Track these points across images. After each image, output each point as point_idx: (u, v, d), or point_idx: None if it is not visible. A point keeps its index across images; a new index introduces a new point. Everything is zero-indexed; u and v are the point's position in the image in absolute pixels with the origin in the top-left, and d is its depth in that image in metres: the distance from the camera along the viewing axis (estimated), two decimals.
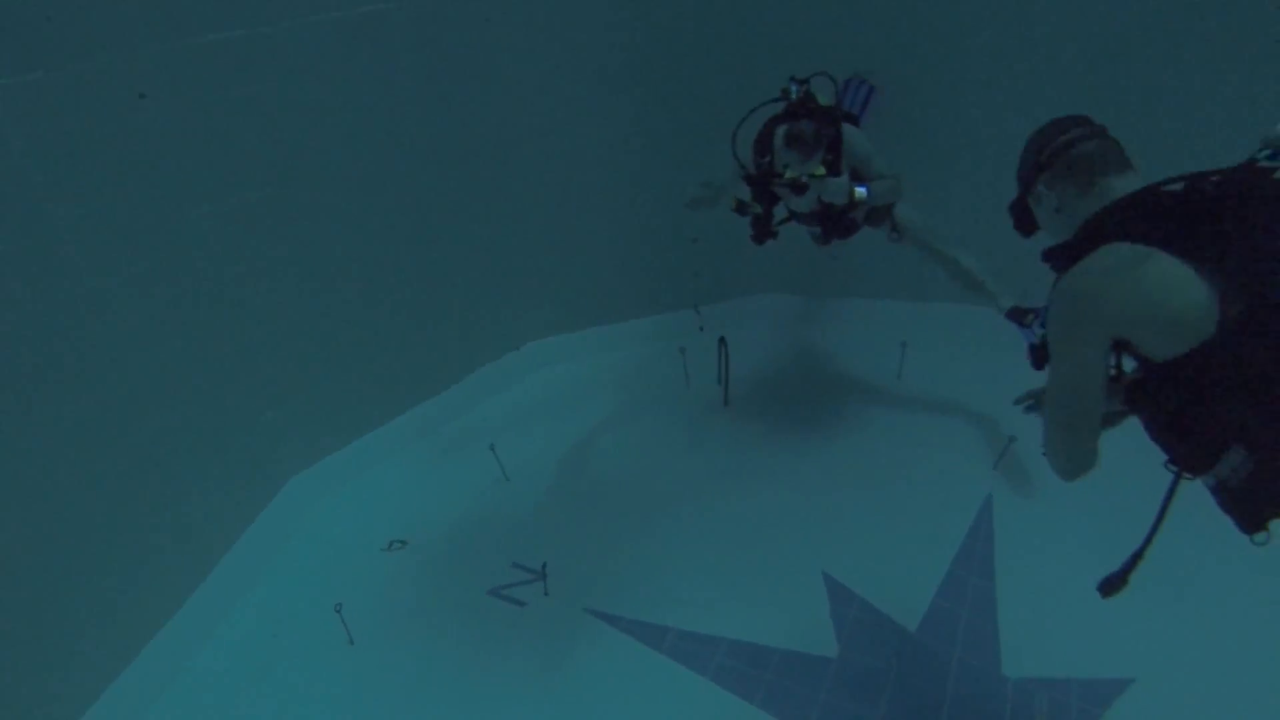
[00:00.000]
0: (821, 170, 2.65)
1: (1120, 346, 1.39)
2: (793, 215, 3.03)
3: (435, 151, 3.10)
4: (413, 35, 2.83)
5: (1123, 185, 1.41)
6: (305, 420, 3.05)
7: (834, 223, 2.96)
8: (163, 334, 2.47)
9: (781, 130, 2.67)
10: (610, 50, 3.30)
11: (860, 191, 2.78)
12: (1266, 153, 1.25)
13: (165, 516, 2.52)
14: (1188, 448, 1.35)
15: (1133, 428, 1.51)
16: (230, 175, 2.55)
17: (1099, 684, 2.15)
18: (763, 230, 3.01)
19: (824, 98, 2.78)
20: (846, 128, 2.74)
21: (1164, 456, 1.43)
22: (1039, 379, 1.56)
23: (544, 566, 2.55)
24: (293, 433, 3.02)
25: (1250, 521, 1.35)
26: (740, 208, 2.95)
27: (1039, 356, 1.53)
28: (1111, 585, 1.60)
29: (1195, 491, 1.41)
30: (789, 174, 2.64)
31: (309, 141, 2.70)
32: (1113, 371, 1.45)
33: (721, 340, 3.49)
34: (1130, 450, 2.52)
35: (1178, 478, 1.40)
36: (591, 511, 2.91)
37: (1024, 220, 1.61)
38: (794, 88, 2.69)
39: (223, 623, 2.60)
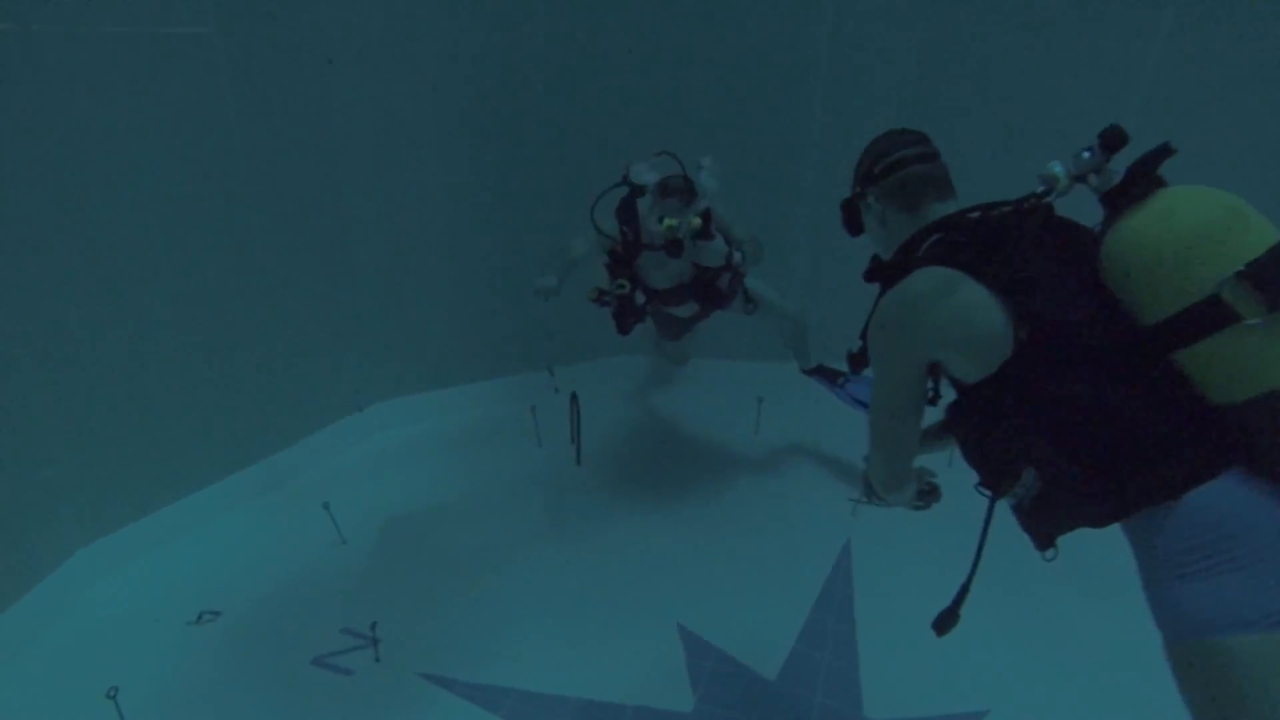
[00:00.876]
0: (698, 222, 2.62)
1: (935, 369, 1.43)
2: (653, 296, 2.97)
3: (271, 198, 2.91)
4: (240, 64, 2.66)
5: (942, 210, 1.47)
6: (99, 482, 2.67)
7: (707, 292, 2.94)
8: None
9: (650, 189, 2.67)
10: (455, 92, 3.25)
11: (736, 254, 2.81)
12: (1043, 189, 1.34)
13: None
14: (989, 469, 1.39)
15: None
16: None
17: (956, 719, 2.08)
18: (628, 312, 2.93)
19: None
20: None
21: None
22: None
23: (374, 629, 2.27)
24: (81, 495, 2.63)
25: (1041, 539, 1.38)
26: (600, 296, 2.89)
27: (856, 364, 1.54)
28: (944, 621, 1.60)
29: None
30: (665, 225, 2.59)
31: (117, 177, 2.46)
32: (930, 394, 1.49)
33: (574, 396, 3.38)
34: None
35: (992, 501, 1.42)
36: (432, 573, 2.66)
37: (852, 221, 1.63)
38: (641, 172, 2.74)
39: None
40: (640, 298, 2.94)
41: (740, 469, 3.27)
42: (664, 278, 2.90)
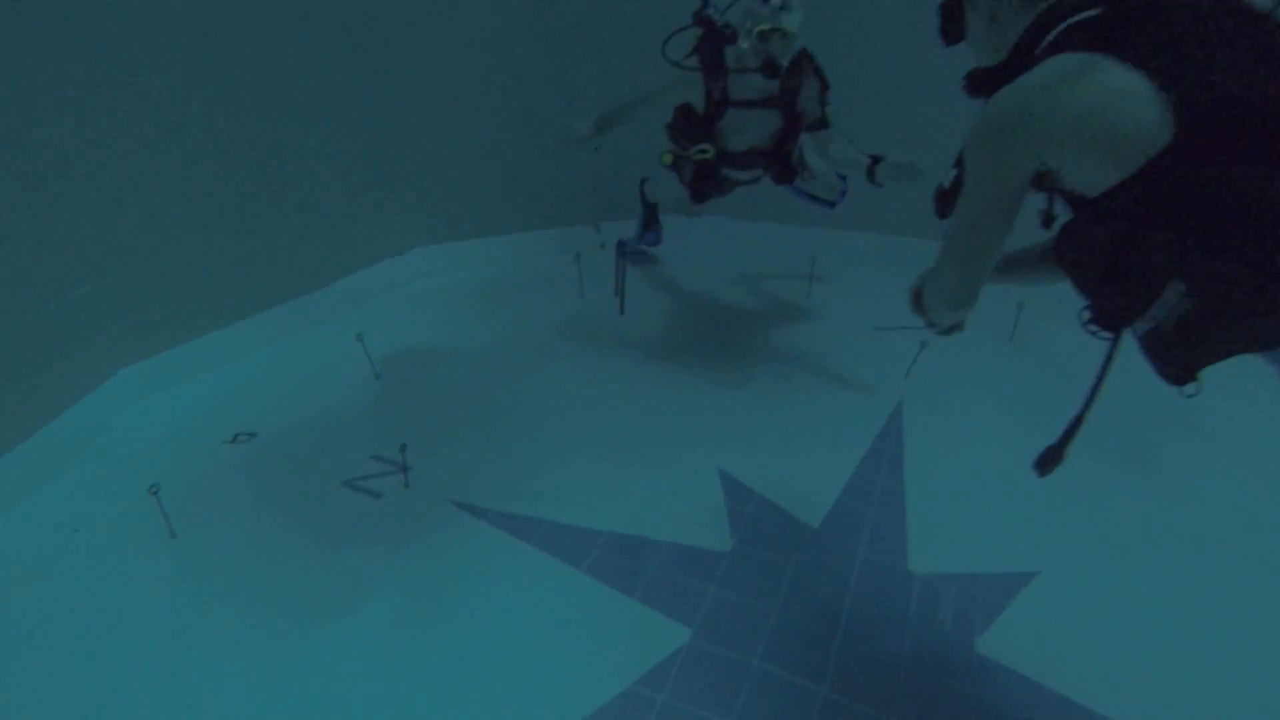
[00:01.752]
0: (795, 30, 2.41)
1: (1047, 181, 1.18)
2: (725, 160, 2.70)
3: (313, 34, 2.78)
4: None
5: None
6: (139, 305, 2.63)
7: (779, 160, 2.72)
8: None
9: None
10: None
11: (827, 108, 2.65)
12: None
13: None
14: (1121, 290, 1.16)
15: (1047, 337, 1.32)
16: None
17: (1004, 578, 1.97)
18: (707, 179, 2.71)
19: None
20: None
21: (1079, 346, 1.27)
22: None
23: (403, 453, 2.21)
24: (122, 317, 2.59)
25: (1181, 370, 1.15)
26: (676, 161, 2.69)
27: (944, 203, 1.30)
28: (1048, 459, 1.41)
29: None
30: (761, 27, 2.37)
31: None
32: (1043, 215, 1.30)
33: (620, 245, 3.23)
34: (1044, 360, 2.41)
35: (1119, 332, 1.21)
36: (466, 410, 2.60)
37: (952, 21, 1.39)
38: (714, 14, 2.50)
39: (6, 511, 2.17)
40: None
41: (790, 327, 3.12)
42: (742, 139, 2.67)
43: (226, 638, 1.79)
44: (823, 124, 2.69)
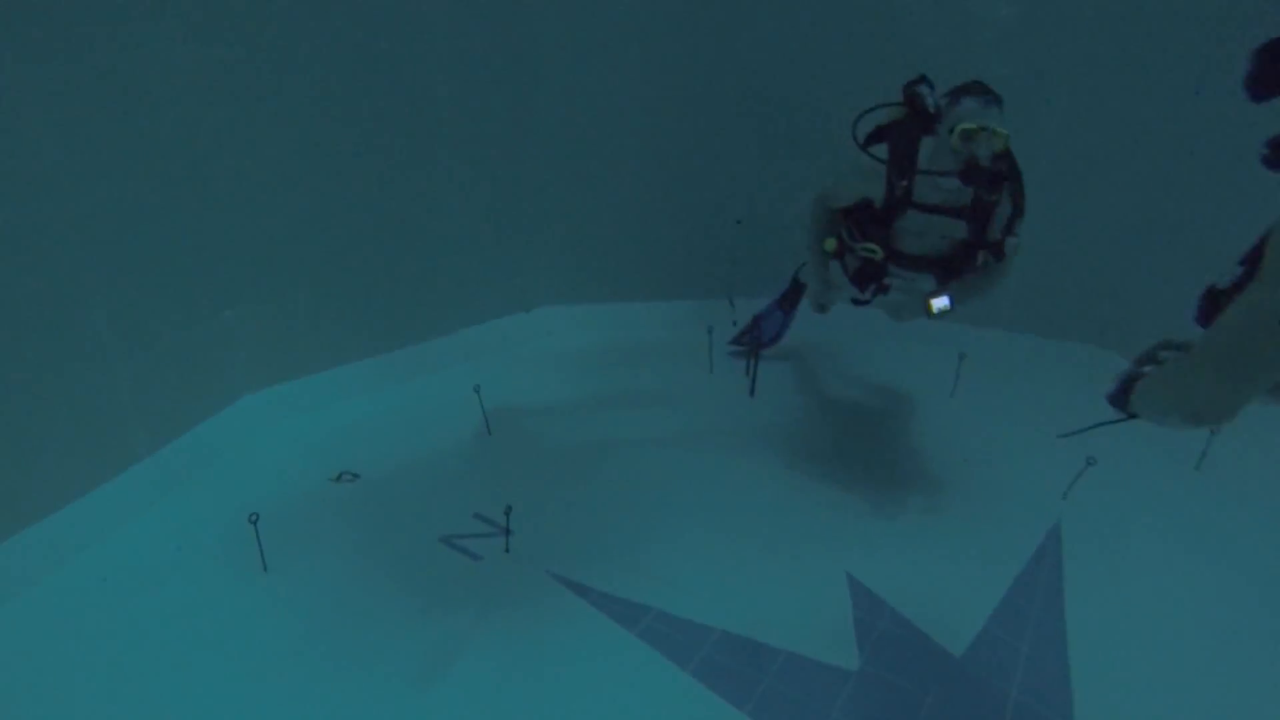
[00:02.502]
0: (1005, 135, 2.04)
1: None
2: (894, 258, 2.33)
3: (461, 85, 2.80)
4: None
5: None
6: (274, 336, 2.66)
7: (956, 268, 2.30)
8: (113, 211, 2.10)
9: (943, 105, 2.14)
10: None
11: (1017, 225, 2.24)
12: None
13: (84, 399, 2.12)
14: None
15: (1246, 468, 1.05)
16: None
17: None
18: (871, 278, 2.39)
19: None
20: None
21: None
22: None
23: (508, 517, 2.07)
24: (256, 344, 2.62)
25: None
26: (841, 252, 2.43)
27: (1213, 307, 1.06)
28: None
29: None
30: (964, 125, 2.01)
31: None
32: None
33: (756, 320, 3.06)
34: (1239, 493, 2.06)
35: None
36: (580, 479, 2.45)
37: (1269, 72, 1.11)
38: (929, 94, 2.17)
39: (125, 523, 2.15)
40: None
41: (932, 427, 2.85)
42: (919, 244, 2.28)
43: (300, 683, 1.67)
44: (997, 253, 2.24)
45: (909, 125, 2.19)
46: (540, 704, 1.66)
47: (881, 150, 2.23)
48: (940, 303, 2.24)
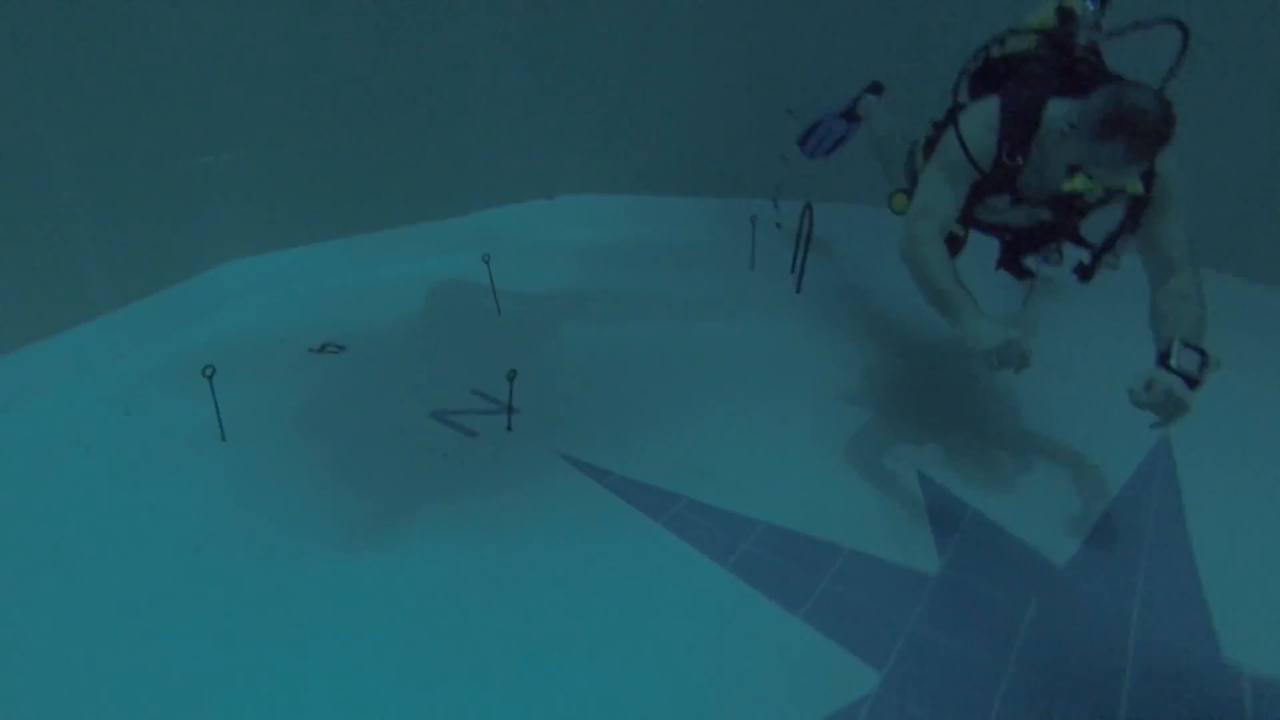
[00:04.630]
0: (1139, 187, 1.49)
1: None
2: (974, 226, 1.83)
3: None
4: None
5: None
6: (262, 196, 2.33)
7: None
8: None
9: (1097, 108, 1.42)
10: None
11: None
12: None
13: (38, 238, 1.81)
14: None
15: None
16: None
17: None
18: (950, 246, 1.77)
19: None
20: None
21: None
22: None
23: (512, 386, 1.73)
24: (241, 203, 2.29)
25: None
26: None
27: None
28: None
29: None
30: (1080, 184, 1.46)
31: None
32: None
33: (807, 208, 2.68)
34: None
35: None
36: (599, 365, 2.11)
37: None
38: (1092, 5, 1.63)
39: (72, 379, 1.84)
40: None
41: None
42: (1000, 218, 1.79)
43: (243, 558, 1.35)
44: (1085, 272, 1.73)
45: (1041, 66, 1.62)
46: (544, 587, 1.33)
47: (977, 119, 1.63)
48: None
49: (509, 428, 1.77)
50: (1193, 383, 1.43)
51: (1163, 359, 1.45)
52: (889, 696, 1.17)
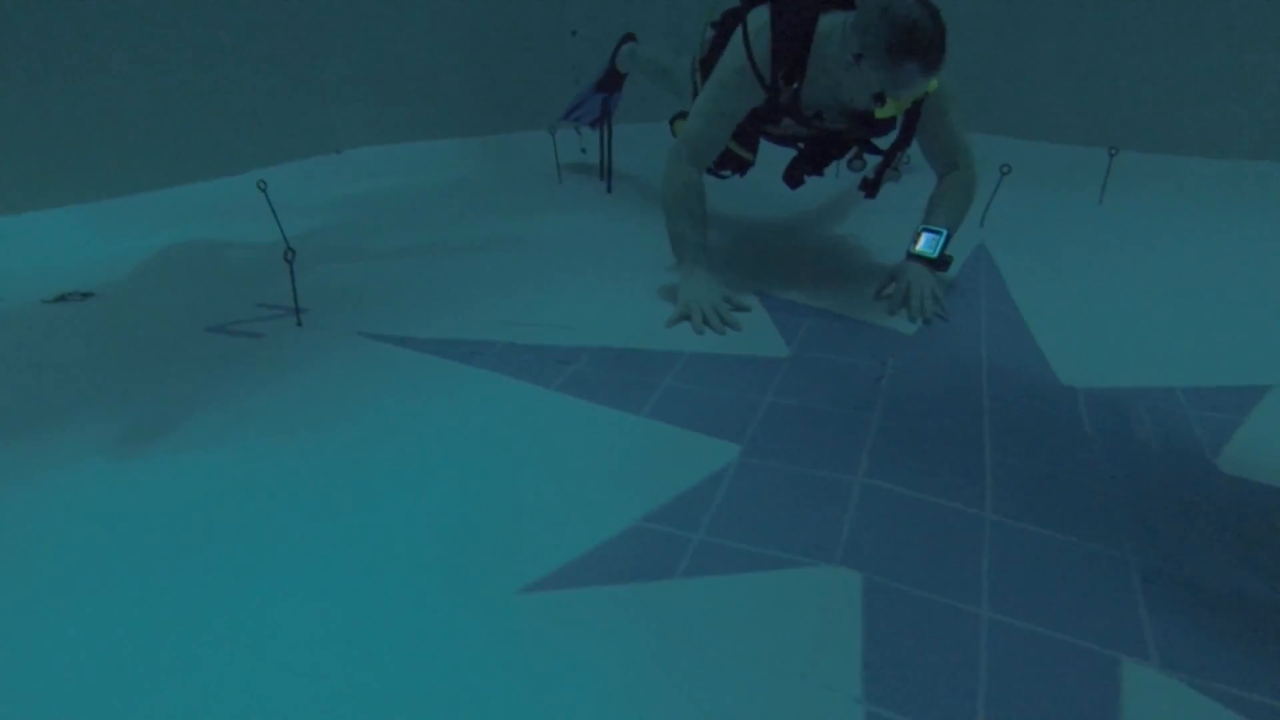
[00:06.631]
0: (936, 85, 1.46)
1: None
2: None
3: None
4: None
5: None
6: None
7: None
8: None
9: (872, 29, 1.34)
10: None
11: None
12: None
13: None
14: None
15: None
16: None
17: (1224, 391, 1.25)
18: (730, 167, 1.83)
19: None
20: None
21: None
22: None
23: (291, 262, 1.49)
24: None
25: None
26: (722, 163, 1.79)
27: None
28: None
29: None
30: (902, 104, 1.42)
31: None
32: None
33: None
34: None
35: None
36: (402, 264, 1.88)
37: None
38: None
39: None
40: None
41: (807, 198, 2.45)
42: (795, 131, 1.73)
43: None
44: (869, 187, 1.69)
45: (798, 26, 1.48)
46: (351, 445, 1.10)
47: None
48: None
49: (299, 324, 1.52)
50: (937, 265, 1.57)
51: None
52: (752, 460, 1.04)
